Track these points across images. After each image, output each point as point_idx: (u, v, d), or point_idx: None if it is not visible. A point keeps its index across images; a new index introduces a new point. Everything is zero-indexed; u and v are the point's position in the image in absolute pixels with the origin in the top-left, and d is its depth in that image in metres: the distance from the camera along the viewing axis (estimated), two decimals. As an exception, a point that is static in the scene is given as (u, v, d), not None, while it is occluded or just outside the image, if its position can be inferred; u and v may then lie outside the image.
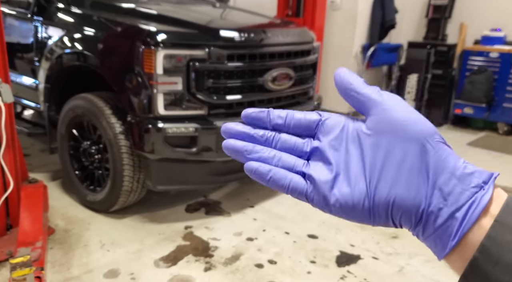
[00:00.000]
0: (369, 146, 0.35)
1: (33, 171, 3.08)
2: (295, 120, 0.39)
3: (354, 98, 0.37)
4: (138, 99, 2.27)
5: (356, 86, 0.37)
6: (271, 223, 2.58)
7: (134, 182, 2.42)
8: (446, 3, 4.90)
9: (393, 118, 0.35)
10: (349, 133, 0.37)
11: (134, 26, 2.37)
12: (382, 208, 0.34)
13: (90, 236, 2.35)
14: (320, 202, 0.37)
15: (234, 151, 0.39)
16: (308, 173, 0.37)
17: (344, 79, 0.38)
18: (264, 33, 2.57)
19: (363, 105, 0.37)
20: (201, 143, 2.30)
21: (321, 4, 4.04)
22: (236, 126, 0.39)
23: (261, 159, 0.38)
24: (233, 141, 0.39)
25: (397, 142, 0.34)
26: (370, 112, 0.36)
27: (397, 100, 0.36)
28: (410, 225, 0.35)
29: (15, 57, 2.96)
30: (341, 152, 0.37)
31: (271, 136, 0.39)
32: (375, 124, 0.36)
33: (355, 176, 0.35)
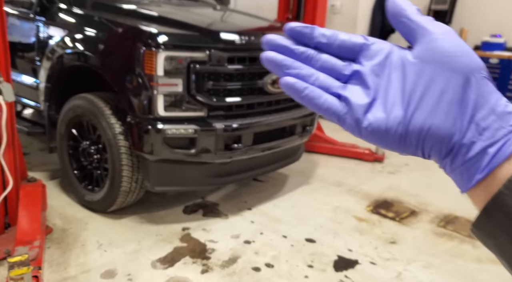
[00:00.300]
0: (412, 74, 0.35)
1: (32, 169, 3.08)
2: (339, 40, 0.38)
3: (405, 25, 0.37)
4: (138, 100, 2.28)
5: (409, 12, 0.37)
6: (268, 226, 2.58)
7: (132, 182, 2.43)
8: (446, 9, 4.92)
9: (442, 48, 0.34)
10: (393, 60, 0.37)
11: (135, 28, 2.38)
12: (415, 135, 0.34)
13: (87, 236, 2.36)
14: (352, 125, 0.36)
15: (273, 63, 0.38)
16: (344, 94, 0.37)
17: (397, 4, 0.37)
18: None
19: (413, 33, 0.36)
20: (200, 144, 2.31)
21: (321, 8, 4.05)
22: (279, 39, 0.38)
23: (298, 76, 0.37)
24: (273, 53, 0.38)
25: (442, 72, 0.34)
26: (419, 41, 0.36)
27: (449, 31, 0.35)
28: (439, 156, 0.35)
29: (17, 56, 2.97)
30: (382, 79, 0.36)
31: (312, 54, 0.38)
32: (422, 53, 0.35)
33: (392, 102, 0.35)
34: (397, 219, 2.76)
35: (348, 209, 2.85)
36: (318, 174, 3.47)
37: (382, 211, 2.86)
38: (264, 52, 0.38)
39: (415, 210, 2.90)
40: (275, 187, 3.16)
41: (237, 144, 2.43)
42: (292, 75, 0.37)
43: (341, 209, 2.86)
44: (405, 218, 2.78)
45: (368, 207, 2.91)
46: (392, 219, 2.75)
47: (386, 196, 3.09)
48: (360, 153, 3.80)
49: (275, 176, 3.30)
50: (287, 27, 0.38)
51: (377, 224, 2.68)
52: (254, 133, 2.50)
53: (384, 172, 3.57)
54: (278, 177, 3.31)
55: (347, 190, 3.18)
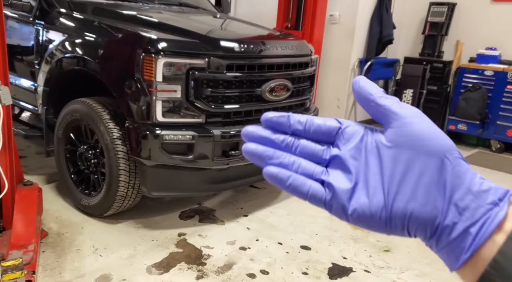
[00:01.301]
0: (388, 158, 0.36)
1: (29, 173, 3.08)
2: (315, 126, 0.39)
3: (374, 109, 0.38)
4: (136, 106, 2.29)
5: (376, 97, 0.37)
6: (264, 233, 2.59)
7: (129, 187, 2.43)
8: (443, 21, 4.99)
9: (413, 132, 0.35)
10: (368, 143, 0.37)
11: (135, 33, 2.39)
12: (399, 220, 0.35)
13: (83, 240, 2.35)
14: (339, 211, 0.37)
15: (254, 156, 0.39)
16: (327, 181, 0.37)
17: (363, 89, 0.38)
18: (263, 44, 2.61)
19: (383, 117, 0.37)
20: (197, 150, 2.32)
21: (320, 18, 4.10)
22: (258, 130, 0.39)
23: (281, 165, 0.38)
24: (254, 145, 0.39)
25: (417, 156, 0.35)
26: (391, 125, 0.36)
27: (418, 114, 0.36)
28: (425, 237, 0.36)
29: (15, 59, 2.97)
30: (361, 162, 0.37)
31: (291, 141, 0.39)
32: (395, 137, 0.36)
33: (373, 187, 0.36)
34: (392, 227, 2.77)
35: (344, 217, 2.86)
36: (314, 181, 3.48)
37: (377, 219, 2.87)
38: (245, 145, 0.39)
39: (410, 219, 2.91)
40: (272, 194, 3.17)
41: (234, 150, 2.44)
42: (275, 165, 0.38)
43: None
44: (400, 227, 2.79)
45: (363, 216, 2.92)
46: (387, 228, 2.76)
47: (381, 204, 3.11)
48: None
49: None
50: (264, 118, 0.39)
51: (372, 232, 2.69)
52: (251, 140, 2.50)
53: (380, 181, 3.59)
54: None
55: (343, 198, 3.19)
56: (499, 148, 4.75)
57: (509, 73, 4.53)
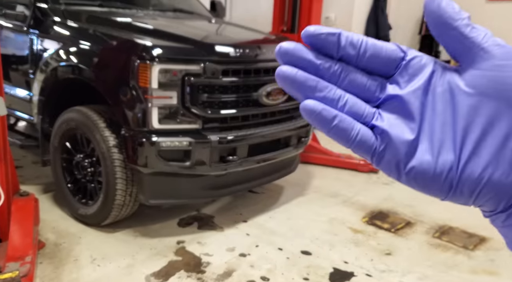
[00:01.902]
0: (467, 107, 0.29)
1: (25, 183, 3.05)
2: (371, 52, 0.30)
3: (453, 40, 0.29)
4: (132, 113, 2.27)
5: (462, 24, 0.29)
6: (264, 239, 2.56)
7: (126, 195, 2.40)
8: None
9: (508, 80, 0.28)
10: (438, 84, 0.30)
11: (129, 41, 2.38)
12: (469, 187, 0.29)
13: (80, 250, 2.33)
14: (391, 166, 0.30)
15: (293, 83, 0.30)
16: (381, 127, 0.30)
17: (443, 10, 0.29)
18: (259, 49, 2.60)
19: (466, 53, 0.29)
20: (195, 156, 2.30)
21: (315, 20, 4.09)
22: (299, 49, 0.31)
23: (325, 100, 0.30)
24: (294, 70, 0.30)
25: (507, 111, 0.28)
26: (476, 65, 0.29)
27: None
28: (494, 209, 0.30)
29: (10, 69, 2.96)
30: (427, 107, 0.30)
31: (339, 70, 0.31)
32: (481, 82, 0.28)
33: (441, 141, 0.29)
34: (392, 230, 2.75)
35: (344, 221, 2.84)
36: (313, 185, 3.47)
37: (377, 222, 2.85)
38: (281, 67, 0.31)
39: (410, 221, 2.89)
40: (271, 198, 3.14)
41: (232, 156, 2.43)
42: (317, 99, 0.30)
43: (336, 220, 2.85)
44: (400, 229, 2.77)
45: (363, 218, 2.90)
46: (388, 230, 2.74)
47: (381, 207, 3.09)
48: (355, 164, 3.80)
49: (270, 187, 3.29)
50: (307, 32, 0.30)
51: (373, 236, 2.67)
52: (249, 145, 2.49)
53: (379, 183, 3.57)
54: (274, 189, 3.30)
55: (343, 201, 3.17)
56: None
57: (506, 72, 4.53)
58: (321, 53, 0.31)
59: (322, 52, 0.31)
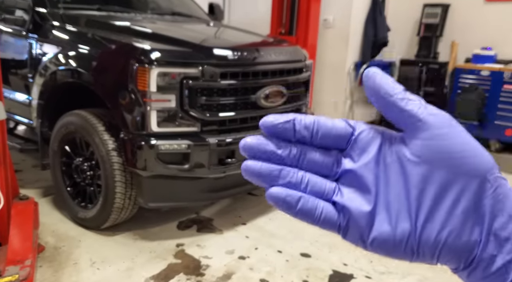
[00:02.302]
0: (416, 177, 0.30)
1: (25, 186, 3.06)
2: (323, 131, 0.32)
3: (393, 113, 0.31)
4: (131, 116, 2.28)
5: (397, 99, 0.31)
6: (263, 241, 2.56)
7: (126, 198, 2.41)
8: (437, 22, 5.00)
9: (448, 147, 0.29)
10: (387, 155, 0.31)
11: (128, 44, 2.39)
12: (429, 250, 0.30)
13: (80, 254, 2.33)
14: (355, 238, 0.32)
15: (258, 176, 0.32)
16: (341, 203, 0.32)
17: (379, 86, 0.31)
18: (257, 51, 2.61)
19: (406, 124, 0.31)
20: (193, 159, 2.30)
21: (314, 23, 4.10)
22: (260, 144, 0.32)
23: (289, 185, 0.32)
24: (258, 164, 0.32)
25: (453, 178, 0.29)
26: (417, 135, 0.30)
27: (450, 122, 0.30)
28: (457, 267, 0.31)
29: (9, 73, 2.97)
30: (380, 179, 0.31)
31: (298, 153, 0.32)
32: (424, 152, 0.30)
33: (397, 211, 0.31)
34: (392, 232, 2.75)
35: (343, 223, 2.84)
36: (313, 187, 3.47)
37: (377, 224, 2.85)
38: (245, 163, 0.32)
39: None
40: (270, 201, 3.14)
41: (230, 158, 2.43)
42: (281, 185, 0.32)
43: (336, 222, 2.84)
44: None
45: (363, 220, 2.90)
46: (387, 232, 2.74)
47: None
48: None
49: (269, 189, 3.29)
50: (265, 124, 0.32)
51: (373, 237, 2.67)
52: (247, 148, 2.49)
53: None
54: (273, 191, 3.29)
55: (342, 203, 3.17)
56: (498, 147, 4.73)
57: (505, 73, 4.53)
58: (280, 139, 0.33)
59: (281, 138, 0.33)
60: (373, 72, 0.32)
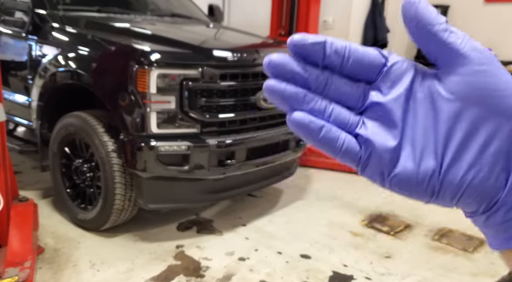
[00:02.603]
0: (447, 113, 0.29)
1: (24, 188, 3.06)
2: (354, 58, 0.30)
3: (431, 45, 0.29)
4: (131, 118, 2.28)
5: (440, 29, 0.29)
6: (263, 242, 2.56)
7: (125, 200, 2.41)
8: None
9: (487, 85, 0.28)
10: (419, 90, 0.30)
11: (128, 46, 2.39)
12: (451, 191, 0.29)
13: (80, 255, 2.32)
14: (375, 173, 0.31)
15: (281, 97, 0.31)
16: (365, 136, 0.30)
17: (422, 15, 0.29)
18: (257, 53, 2.61)
19: (444, 57, 0.29)
20: (193, 160, 2.30)
21: (313, 24, 4.11)
22: (286, 62, 0.30)
23: (312, 111, 0.30)
24: (282, 84, 0.30)
25: (487, 116, 0.28)
26: (455, 70, 0.29)
27: (492, 60, 0.29)
28: (475, 211, 0.30)
29: (9, 75, 2.97)
30: (408, 114, 0.30)
31: (325, 79, 0.31)
32: (460, 88, 0.28)
33: (422, 147, 0.29)
34: (392, 233, 2.75)
35: (343, 224, 2.84)
36: (312, 188, 3.47)
37: (377, 225, 2.85)
38: (269, 81, 0.31)
39: (410, 223, 2.89)
40: (270, 202, 3.14)
41: (230, 159, 2.43)
42: (304, 111, 0.31)
43: (336, 223, 2.85)
44: (399, 232, 2.77)
45: (363, 221, 2.90)
46: (387, 233, 2.74)
47: (381, 210, 3.09)
48: (354, 167, 3.80)
49: (269, 191, 3.29)
50: (293, 41, 0.30)
51: (372, 239, 2.67)
52: (247, 149, 2.50)
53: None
54: (273, 192, 3.30)
55: (342, 204, 3.17)
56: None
57: (504, 73, 4.53)
58: (307, 61, 0.31)
59: (307, 61, 0.30)
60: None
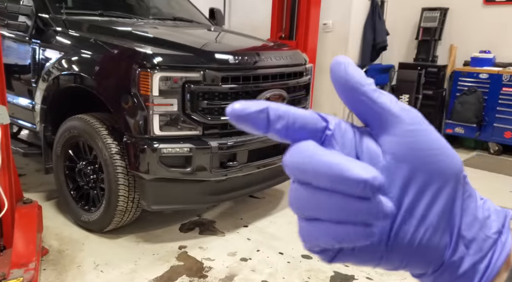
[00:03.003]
0: (395, 176, 0.28)
1: (28, 190, 3.08)
2: (299, 124, 0.28)
3: (363, 106, 0.28)
4: (134, 120, 2.30)
5: (369, 89, 0.28)
6: (264, 243, 2.58)
7: (129, 201, 2.43)
8: (435, 26, 5.04)
9: (422, 145, 0.28)
10: (358, 151, 0.29)
11: (130, 49, 2.42)
12: (399, 253, 0.28)
13: (84, 257, 2.35)
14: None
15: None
16: None
17: (350, 76, 0.28)
18: (258, 55, 2.64)
19: (376, 118, 0.28)
20: (195, 162, 2.33)
21: (313, 27, 4.14)
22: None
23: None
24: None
25: (428, 178, 0.28)
26: (388, 131, 0.28)
27: (421, 119, 0.28)
28: (424, 273, 0.30)
29: (13, 78, 3.00)
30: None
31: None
32: (398, 149, 0.28)
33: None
34: (392, 233, 2.77)
35: (344, 225, 2.86)
36: (313, 190, 3.49)
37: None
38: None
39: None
40: (271, 203, 3.17)
41: (232, 161, 2.46)
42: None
43: (337, 224, 2.86)
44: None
45: (363, 222, 2.92)
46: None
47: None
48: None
49: (270, 192, 3.31)
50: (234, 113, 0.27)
51: (373, 239, 2.69)
52: (249, 151, 2.52)
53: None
54: (274, 193, 3.32)
55: (343, 206, 3.19)
56: (497, 150, 4.76)
57: (504, 75, 4.56)
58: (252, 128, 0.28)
59: (252, 128, 0.28)
60: (345, 60, 0.29)
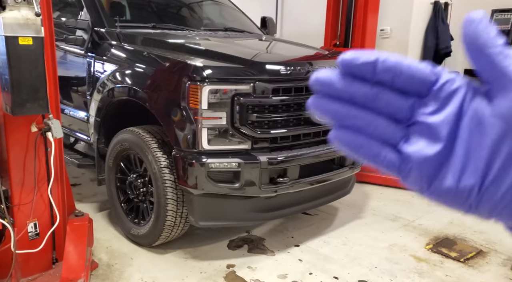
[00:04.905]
0: (492, 135, 0.29)
1: (83, 200, 3.15)
2: (405, 76, 0.31)
3: (484, 65, 0.29)
4: (182, 134, 2.25)
5: (496, 52, 0.29)
6: (318, 265, 2.41)
7: (177, 216, 2.38)
8: (508, 28, 4.61)
9: None
10: (467, 110, 0.30)
11: (180, 62, 2.38)
12: (488, 208, 0.30)
13: (132, 272, 2.32)
14: (416, 185, 0.32)
15: (324, 113, 0.33)
16: (408, 152, 0.31)
17: (481, 34, 0.29)
18: (311, 65, 2.50)
19: (496, 80, 0.29)
20: (244, 178, 2.23)
21: (370, 33, 3.93)
22: (332, 79, 0.32)
23: (355, 127, 0.32)
24: (325, 101, 0.32)
25: None
26: (506, 95, 0.29)
27: None
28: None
29: (71, 91, 3.09)
30: (454, 133, 0.30)
31: (373, 95, 0.32)
32: (507, 112, 0.29)
33: (463, 165, 0.30)
34: (461, 259, 2.49)
35: (405, 247, 2.62)
36: (371, 206, 3.27)
37: (443, 250, 2.60)
38: (313, 97, 0.33)
39: (483, 249, 2.61)
40: (324, 221, 2.99)
41: (282, 177, 2.33)
42: (347, 127, 0.32)
43: (397, 246, 2.63)
44: (471, 259, 2.50)
45: (427, 245, 2.66)
46: (456, 260, 2.49)
47: (447, 232, 2.83)
48: (416, 184, 3.54)
49: (324, 209, 3.14)
50: (343, 61, 0.31)
51: (439, 265, 2.43)
52: (300, 166, 2.38)
53: (444, 205, 3.30)
54: (328, 210, 3.14)
55: (404, 225, 2.94)
56: None
57: None
58: (357, 76, 0.32)
59: (357, 76, 0.32)
60: (480, 18, 0.29)
